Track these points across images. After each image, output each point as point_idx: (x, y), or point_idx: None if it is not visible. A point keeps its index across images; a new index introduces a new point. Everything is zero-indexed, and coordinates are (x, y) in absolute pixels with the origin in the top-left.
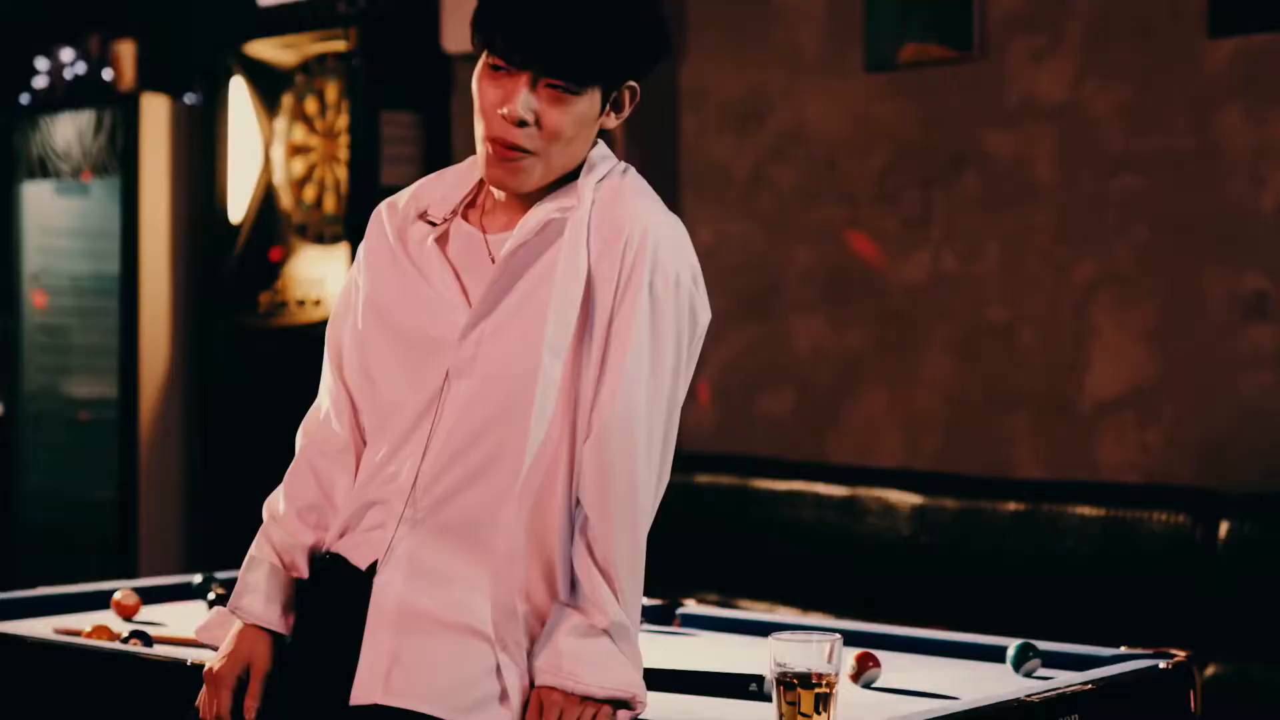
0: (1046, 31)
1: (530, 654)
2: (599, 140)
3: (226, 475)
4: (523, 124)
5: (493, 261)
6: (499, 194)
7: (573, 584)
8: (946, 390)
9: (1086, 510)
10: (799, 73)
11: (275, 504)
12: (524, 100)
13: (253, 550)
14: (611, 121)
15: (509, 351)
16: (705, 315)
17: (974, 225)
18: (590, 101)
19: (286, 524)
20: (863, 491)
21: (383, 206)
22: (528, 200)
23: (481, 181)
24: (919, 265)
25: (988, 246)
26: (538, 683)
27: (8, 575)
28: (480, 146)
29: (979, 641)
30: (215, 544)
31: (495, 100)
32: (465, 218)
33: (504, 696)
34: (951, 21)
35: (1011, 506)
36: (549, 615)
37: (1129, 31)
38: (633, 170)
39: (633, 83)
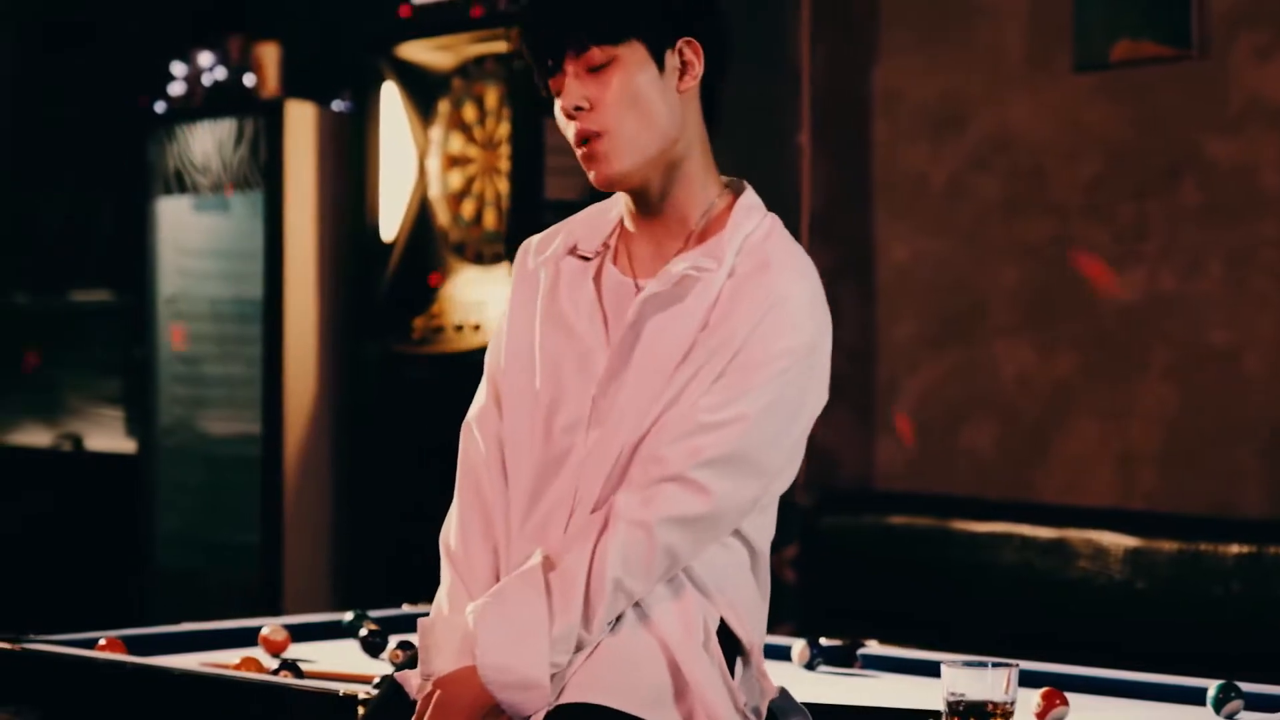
0: (1273, 26)
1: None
2: (746, 185)
3: (378, 516)
4: (579, 109)
5: None
6: (631, 225)
7: None
8: (1165, 421)
9: None
10: (1001, 74)
11: (448, 536)
12: (572, 90)
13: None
14: (686, 84)
15: (639, 410)
16: (818, 400)
17: (1194, 240)
18: (636, 63)
19: (462, 565)
20: (1073, 533)
21: (529, 243)
22: (674, 246)
23: (621, 220)
24: (1134, 284)
25: (1210, 263)
26: None
27: (145, 623)
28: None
29: (1178, 683)
30: (366, 590)
31: (559, 110)
32: (615, 262)
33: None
34: (1168, 16)
35: (1236, 549)
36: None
37: None
38: (778, 228)
39: (689, 38)
